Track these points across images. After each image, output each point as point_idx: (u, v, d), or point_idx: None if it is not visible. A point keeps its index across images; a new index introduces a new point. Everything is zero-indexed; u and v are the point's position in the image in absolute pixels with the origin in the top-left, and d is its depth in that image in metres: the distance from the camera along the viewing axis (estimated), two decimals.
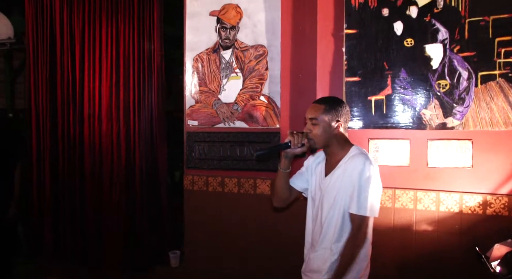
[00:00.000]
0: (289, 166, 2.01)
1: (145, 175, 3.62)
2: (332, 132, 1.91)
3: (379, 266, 2.75)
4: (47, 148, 3.88)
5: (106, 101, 3.67)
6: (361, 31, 2.77)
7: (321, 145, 1.94)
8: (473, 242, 2.40)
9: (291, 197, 2.13)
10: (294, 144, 1.91)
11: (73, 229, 3.84)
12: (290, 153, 1.96)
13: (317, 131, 1.90)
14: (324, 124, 1.89)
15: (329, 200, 1.91)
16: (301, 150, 1.93)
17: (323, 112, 1.90)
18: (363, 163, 1.83)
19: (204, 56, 3.36)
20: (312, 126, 1.91)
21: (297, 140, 1.90)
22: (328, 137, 1.91)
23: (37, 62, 3.90)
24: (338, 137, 1.93)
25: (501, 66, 2.45)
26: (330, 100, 1.98)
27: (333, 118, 1.90)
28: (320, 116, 1.89)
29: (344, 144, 1.95)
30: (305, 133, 1.93)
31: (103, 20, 3.66)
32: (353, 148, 1.94)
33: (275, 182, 2.08)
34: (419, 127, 2.65)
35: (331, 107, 1.91)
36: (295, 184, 2.11)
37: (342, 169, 1.89)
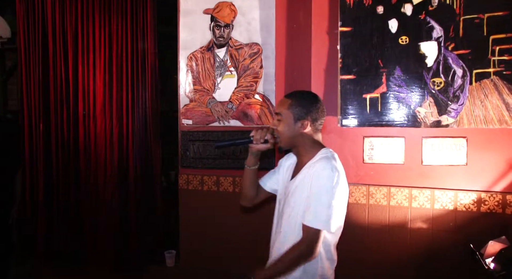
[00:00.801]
0: (256, 163, 1.88)
1: (139, 174, 3.61)
2: (298, 131, 1.73)
3: (374, 263, 2.76)
4: (40, 149, 3.85)
5: (100, 101, 3.65)
6: (355, 28, 2.76)
7: (286, 144, 1.77)
8: (467, 239, 2.40)
9: (258, 197, 1.99)
10: (256, 139, 1.77)
11: (66, 229, 3.81)
12: (254, 148, 1.83)
13: (281, 128, 1.74)
14: (288, 121, 1.72)
15: (291, 206, 1.74)
16: (265, 147, 1.80)
17: (288, 108, 1.72)
18: (324, 169, 1.62)
19: (198, 55, 3.34)
20: (277, 122, 1.76)
21: (259, 135, 1.76)
22: (293, 135, 1.74)
23: (29, 62, 3.86)
24: (305, 137, 1.75)
25: (496, 64, 2.45)
26: (301, 95, 1.78)
27: (300, 115, 1.72)
28: (285, 112, 1.73)
29: (311, 145, 1.76)
30: (270, 129, 1.79)
31: (96, 19, 3.63)
32: (321, 151, 1.74)
33: (242, 181, 1.96)
34: (414, 125, 2.65)
35: (299, 103, 1.73)
36: (264, 184, 1.97)
37: (305, 173, 1.71)
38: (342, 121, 2.80)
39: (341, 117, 2.80)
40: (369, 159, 2.78)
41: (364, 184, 2.80)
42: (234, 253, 3.23)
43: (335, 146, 2.85)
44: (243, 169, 1.96)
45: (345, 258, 2.80)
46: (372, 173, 2.79)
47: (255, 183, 1.95)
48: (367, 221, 2.78)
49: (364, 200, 2.79)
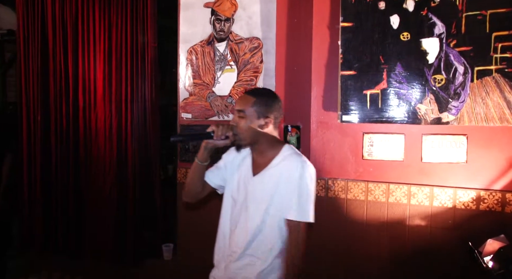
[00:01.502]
0: (208, 159, 1.85)
1: (138, 168, 3.60)
2: (260, 129, 1.75)
3: (373, 260, 2.76)
4: (38, 141, 3.84)
5: (100, 93, 3.63)
6: (357, 24, 2.74)
7: (247, 141, 1.78)
8: (466, 237, 2.39)
9: (203, 193, 1.97)
10: (217, 135, 1.73)
11: (65, 222, 3.81)
12: (211, 144, 1.78)
13: (243, 125, 1.74)
14: (251, 119, 1.74)
15: (259, 203, 1.75)
16: (224, 143, 1.77)
17: (252, 105, 1.74)
18: (301, 166, 1.71)
19: (198, 49, 3.32)
20: (239, 119, 1.75)
21: (220, 131, 1.73)
22: (254, 133, 1.75)
23: (28, 54, 3.85)
24: (267, 135, 1.78)
25: (498, 61, 2.43)
26: (262, 93, 1.82)
27: (263, 113, 1.74)
28: (248, 109, 1.73)
29: (274, 142, 1.81)
30: (231, 126, 1.77)
31: (96, 11, 3.60)
32: (285, 147, 1.80)
33: (189, 175, 1.91)
34: (414, 121, 2.63)
35: (261, 101, 1.75)
36: (210, 180, 1.94)
37: (276, 170, 1.75)
38: (342, 117, 2.79)
39: (341, 113, 2.78)
40: (369, 155, 2.77)
41: (363, 181, 2.79)
42: None
43: (334, 142, 2.84)
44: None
45: (343, 254, 2.82)
46: (371, 170, 2.77)
47: (202, 179, 1.92)
48: (366, 218, 2.78)
49: (363, 196, 2.78)
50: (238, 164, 1.90)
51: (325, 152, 2.87)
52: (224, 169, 1.94)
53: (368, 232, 2.77)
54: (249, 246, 1.78)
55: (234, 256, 1.83)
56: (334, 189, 2.85)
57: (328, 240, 2.84)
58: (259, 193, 1.77)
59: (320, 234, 2.86)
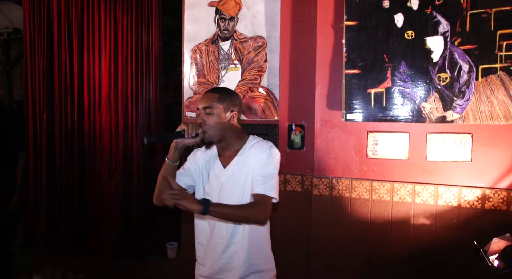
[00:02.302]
0: (178, 159, 1.86)
1: (143, 166, 3.61)
2: (228, 123, 1.82)
3: (377, 259, 2.75)
4: (44, 139, 3.87)
5: (105, 92, 3.65)
6: (361, 23, 2.74)
7: (217, 137, 1.82)
8: (471, 236, 2.38)
9: None
10: (188, 134, 1.75)
11: (69, 220, 3.83)
12: (181, 143, 1.80)
13: (211, 122, 1.78)
14: (219, 114, 1.79)
15: (234, 191, 1.82)
16: (194, 141, 1.79)
17: (217, 101, 1.79)
18: (269, 148, 1.81)
19: (202, 47, 3.33)
20: (206, 116, 1.79)
21: (191, 129, 1.75)
22: (223, 127, 1.81)
23: (34, 53, 3.88)
24: (234, 127, 1.85)
25: (503, 59, 2.42)
26: (224, 90, 1.89)
27: (228, 107, 1.81)
28: (215, 105, 1.79)
29: (240, 134, 1.88)
30: (199, 124, 1.79)
31: (101, 10, 3.63)
32: (251, 137, 1.89)
33: (160, 177, 1.88)
34: (419, 120, 2.63)
35: (225, 96, 1.82)
36: (181, 180, 1.93)
37: (245, 157, 1.82)
38: (346, 115, 2.78)
39: (346, 112, 2.78)
40: (373, 154, 2.76)
41: (368, 179, 2.78)
42: None
43: (339, 140, 2.84)
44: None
45: (347, 252, 2.81)
46: (376, 168, 2.77)
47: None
48: (370, 217, 2.77)
49: (367, 195, 2.78)
50: (204, 162, 1.95)
51: (329, 151, 2.86)
52: (192, 170, 1.97)
53: (373, 231, 2.77)
54: (235, 234, 1.84)
55: (220, 248, 1.86)
56: (338, 188, 2.84)
57: (332, 239, 2.83)
58: (232, 182, 1.83)
59: (325, 233, 2.86)
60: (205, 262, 1.94)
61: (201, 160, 1.97)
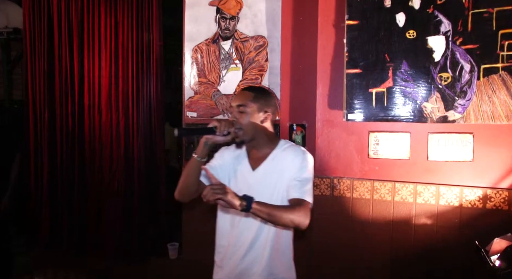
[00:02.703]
0: (206, 155, 1.77)
1: (144, 166, 3.61)
2: (260, 123, 1.78)
3: (379, 259, 2.75)
4: (45, 139, 3.86)
5: (106, 92, 3.65)
6: (362, 22, 2.73)
7: (248, 136, 1.77)
8: (472, 236, 2.38)
9: (197, 193, 1.84)
10: (220, 131, 1.69)
11: (70, 220, 3.83)
12: (211, 140, 1.72)
13: (244, 120, 1.75)
14: (252, 113, 1.76)
15: (263, 195, 1.71)
16: (224, 139, 1.73)
17: (252, 100, 1.76)
18: (302, 153, 1.77)
19: (203, 47, 3.32)
20: (239, 114, 1.76)
21: (223, 127, 1.69)
22: (255, 127, 1.77)
23: (35, 52, 3.87)
24: (266, 129, 1.81)
25: (504, 59, 2.41)
26: (260, 89, 1.88)
27: (262, 107, 1.77)
28: (249, 104, 1.75)
29: (272, 136, 1.84)
30: (232, 122, 1.75)
31: (101, 10, 3.62)
32: (283, 141, 1.85)
33: (185, 172, 1.81)
34: (420, 120, 2.62)
35: (260, 96, 1.79)
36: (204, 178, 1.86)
37: (277, 160, 1.77)
38: (347, 115, 2.78)
39: (347, 112, 2.78)
40: (374, 154, 2.76)
41: (369, 179, 2.78)
42: None
43: (340, 140, 2.84)
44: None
45: (348, 252, 2.81)
46: (377, 168, 2.77)
47: (199, 176, 1.82)
48: (371, 217, 2.77)
49: (369, 195, 2.78)
50: (232, 162, 1.89)
51: (331, 151, 2.86)
52: (218, 168, 1.90)
53: (374, 231, 2.77)
54: (257, 239, 1.78)
55: (241, 252, 1.82)
56: (339, 188, 2.84)
57: (334, 239, 2.83)
58: (261, 185, 1.78)
59: (326, 232, 2.86)
60: (224, 266, 1.90)
61: (229, 159, 1.91)
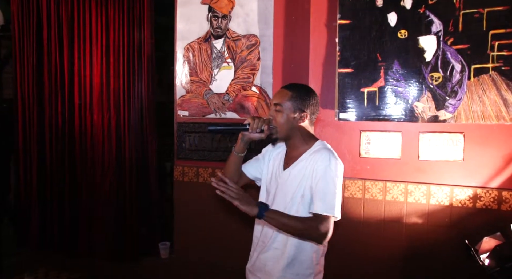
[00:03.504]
0: (244, 150, 1.87)
1: (135, 166, 3.59)
2: (296, 123, 1.76)
3: (370, 258, 2.76)
4: (34, 138, 3.82)
5: (97, 91, 3.61)
6: (354, 21, 2.74)
7: (282, 135, 1.78)
8: (462, 235, 2.40)
9: (239, 183, 1.96)
10: (253, 128, 1.75)
11: (61, 220, 3.80)
12: (246, 136, 1.81)
13: (280, 119, 1.75)
14: (288, 113, 1.75)
15: (286, 196, 1.76)
16: (259, 136, 1.78)
17: (289, 99, 1.75)
18: (328, 159, 1.67)
19: (195, 46, 3.31)
20: (276, 112, 1.77)
21: (256, 125, 1.75)
22: (291, 127, 1.76)
23: (23, 51, 3.82)
24: (302, 129, 1.79)
25: (494, 59, 2.43)
26: (299, 88, 1.81)
27: (299, 107, 1.75)
28: (285, 103, 1.75)
29: (308, 137, 1.81)
30: (267, 119, 1.79)
31: (92, 7, 3.58)
32: (317, 143, 1.80)
33: (226, 165, 1.94)
34: (411, 119, 2.63)
35: (298, 95, 1.76)
36: (247, 171, 1.97)
37: (304, 163, 1.74)
38: (339, 114, 2.78)
39: (339, 111, 2.78)
40: (366, 153, 2.77)
41: (360, 179, 2.79)
42: (229, 245, 3.22)
43: (332, 139, 2.84)
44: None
45: (339, 252, 2.81)
46: (369, 168, 2.78)
47: (239, 169, 1.95)
48: (363, 216, 2.78)
49: (360, 194, 2.78)
50: (274, 158, 1.93)
51: None
52: (262, 162, 1.97)
53: (365, 230, 2.77)
54: (276, 239, 1.79)
55: (263, 247, 1.85)
56: None
57: None
58: (287, 186, 1.77)
59: None
60: (252, 256, 1.94)
61: (272, 154, 1.95)
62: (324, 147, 1.76)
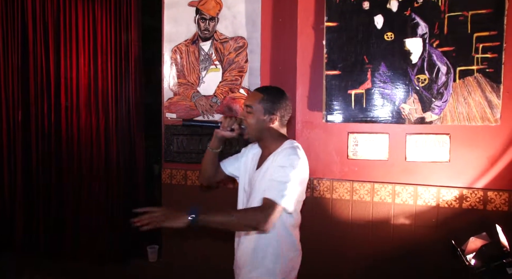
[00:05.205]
0: (218, 147, 1.99)
1: (123, 168, 3.56)
2: (266, 125, 1.82)
3: (358, 259, 2.77)
4: (19, 141, 3.77)
5: (84, 93, 3.58)
6: (341, 24, 2.75)
7: (252, 135, 1.85)
8: (449, 235, 2.42)
9: (215, 178, 2.09)
10: (224, 127, 1.87)
11: (47, 223, 3.74)
12: (219, 134, 1.92)
13: (250, 120, 1.82)
14: (258, 114, 1.80)
15: (257, 195, 1.78)
16: (230, 135, 1.89)
17: (260, 102, 1.80)
18: (289, 154, 1.72)
19: (182, 48, 3.29)
20: (247, 114, 1.83)
21: (227, 123, 1.86)
22: (260, 128, 1.82)
23: (7, 52, 3.77)
24: (272, 130, 1.83)
25: (479, 61, 2.47)
26: (272, 91, 1.85)
27: (269, 110, 1.80)
28: (256, 105, 1.80)
29: (278, 138, 1.85)
30: (239, 119, 1.87)
31: (79, 8, 3.55)
32: (286, 142, 1.82)
33: (203, 161, 2.05)
34: (398, 121, 2.65)
35: (269, 98, 1.81)
36: (224, 167, 2.07)
37: (269, 163, 1.78)
38: (327, 116, 2.79)
39: (326, 113, 2.79)
40: (354, 155, 2.78)
41: (348, 180, 2.80)
42: (217, 249, 3.20)
43: (319, 141, 2.85)
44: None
45: (328, 253, 2.82)
46: (356, 169, 2.79)
47: (214, 164, 2.05)
48: (351, 217, 2.79)
49: (348, 196, 2.79)
50: (250, 158, 1.99)
51: (310, 152, 2.87)
52: (239, 161, 2.04)
53: (354, 231, 2.78)
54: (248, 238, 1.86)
55: (236, 243, 1.97)
56: (319, 189, 2.85)
57: (314, 240, 2.84)
58: (259, 185, 1.80)
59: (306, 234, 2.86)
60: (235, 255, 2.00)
61: (250, 154, 2.01)
62: (291, 146, 1.78)
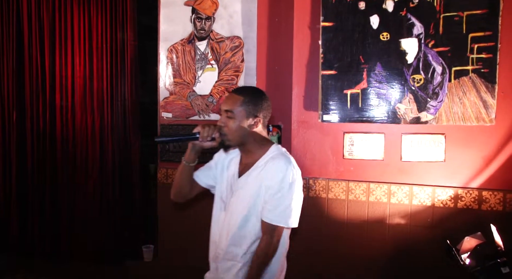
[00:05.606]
0: (195, 160, 1.78)
1: (118, 167, 3.55)
2: (249, 129, 1.68)
3: (354, 258, 2.77)
4: (13, 141, 3.75)
5: (80, 92, 3.57)
6: (337, 24, 2.75)
7: (235, 142, 1.70)
8: (444, 235, 2.43)
9: (191, 193, 1.90)
10: (203, 137, 1.66)
11: (42, 222, 3.73)
12: (197, 145, 1.72)
13: (232, 126, 1.66)
14: (240, 119, 1.66)
15: (241, 205, 1.69)
16: (211, 145, 1.70)
17: (241, 105, 1.66)
18: (285, 167, 1.62)
19: (178, 47, 3.29)
20: (227, 119, 1.67)
21: (206, 133, 1.66)
22: (244, 133, 1.68)
23: (2, 51, 3.75)
24: (256, 134, 1.71)
25: (474, 61, 2.48)
26: (251, 92, 1.73)
27: (252, 113, 1.67)
28: (237, 109, 1.65)
29: (262, 142, 1.74)
30: (218, 127, 1.69)
31: (74, 8, 3.54)
32: (272, 148, 1.73)
33: (176, 175, 1.85)
34: (394, 121, 2.66)
35: (250, 100, 1.67)
36: (200, 179, 1.88)
37: (259, 171, 1.68)
38: (323, 116, 2.79)
39: (322, 113, 2.79)
40: (349, 155, 2.78)
41: (344, 180, 2.80)
42: None
43: (315, 141, 2.85)
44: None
45: (324, 253, 2.82)
46: (352, 169, 2.79)
47: (191, 180, 1.86)
48: (346, 217, 2.79)
49: (344, 195, 2.80)
50: (227, 165, 1.84)
51: (306, 152, 2.87)
52: (214, 169, 1.88)
53: (349, 231, 2.79)
54: (230, 249, 1.73)
55: (219, 257, 1.79)
56: (315, 188, 2.85)
57: (310, 239, 2.84)
58: (243, 195, 1.71)
59: (302, 233, 2.86)
60: (211, 266, 1.91)
61: (226, 161, 1.86)
62: (281, 153, 1.71)
